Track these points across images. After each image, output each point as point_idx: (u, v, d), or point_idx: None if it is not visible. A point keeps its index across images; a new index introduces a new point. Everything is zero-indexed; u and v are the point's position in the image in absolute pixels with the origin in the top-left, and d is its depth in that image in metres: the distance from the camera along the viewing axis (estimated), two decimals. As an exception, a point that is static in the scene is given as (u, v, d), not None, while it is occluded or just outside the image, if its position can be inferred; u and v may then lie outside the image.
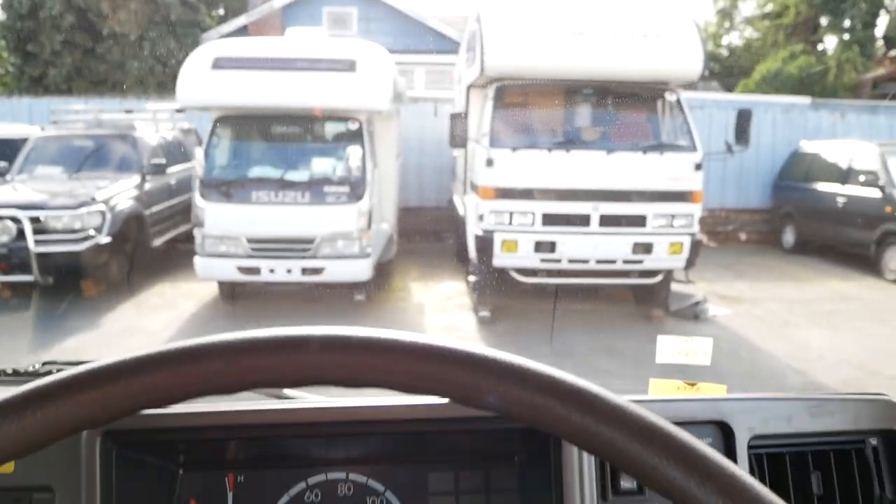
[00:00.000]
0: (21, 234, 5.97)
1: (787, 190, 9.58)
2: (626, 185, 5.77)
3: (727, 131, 6.56)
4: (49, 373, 1.19)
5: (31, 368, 1.18)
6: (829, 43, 15.72)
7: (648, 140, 6.03)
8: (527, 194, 5.75)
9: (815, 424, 0.92)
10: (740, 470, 0.40)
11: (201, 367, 0.42)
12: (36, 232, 5.98)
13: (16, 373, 1.16)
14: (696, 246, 5.92)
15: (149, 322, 5.87)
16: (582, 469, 0.84)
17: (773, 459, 0.93)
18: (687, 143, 5.94)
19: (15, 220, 5.98)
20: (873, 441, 0.94)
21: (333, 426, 0.85)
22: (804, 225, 9.10)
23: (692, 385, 1.08)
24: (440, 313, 6.27)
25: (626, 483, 0.87)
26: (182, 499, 0.88)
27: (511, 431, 0.90)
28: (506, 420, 0.44)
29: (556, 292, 6.08)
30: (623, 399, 0.41)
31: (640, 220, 5.83)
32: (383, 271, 6.79)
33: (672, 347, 1.41)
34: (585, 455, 0.85)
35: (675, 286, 6.26)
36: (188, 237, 7.27)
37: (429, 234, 9.32)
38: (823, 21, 15.57)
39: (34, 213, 6.04)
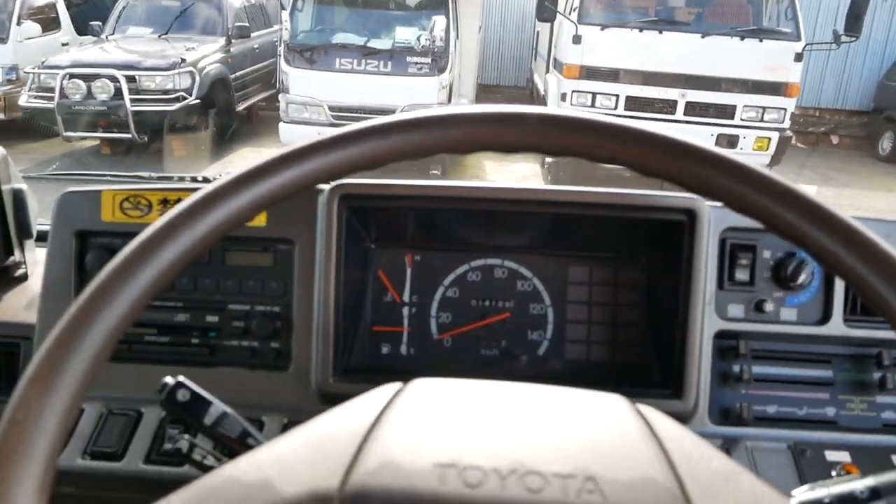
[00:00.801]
0: (118, 93, 6.25)
1: (892, 92, 8.90)
2: (718, 71, 5.54)
3: (836, 18, 6.11)
4: None
5: (218, 176, 1.37)
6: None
7: (748, 23, 5.71)
8: (612, 75, 5.60)
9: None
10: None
11: (445, 131, 0.52)
12: (131, 91, 6.26)
13: (206, 179, 1.39)
14: (783, 143, 5.72)
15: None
16: (707, 263, 0.97)
17: None
18: (790, 29, 5.60)
19: (113, 79, 6.25)
20: None
21: (498, 202, 1.00)
22: (906, 131, 8.52)
23: None
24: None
25: (741, 275, 1.00)
26: (372, 269, 1.07)
27: (640, 234, 1.05)
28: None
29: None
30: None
31: (728, 111, 5.63)
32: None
33: None
34: (711, 250, 0.98)
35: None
36: (269, 103, 7.47)
37: (506, 114, 9.18)
38: None
39: (130, 73, 6.29)
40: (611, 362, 1.06)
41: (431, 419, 0.49)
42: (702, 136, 5.61)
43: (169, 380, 0.69)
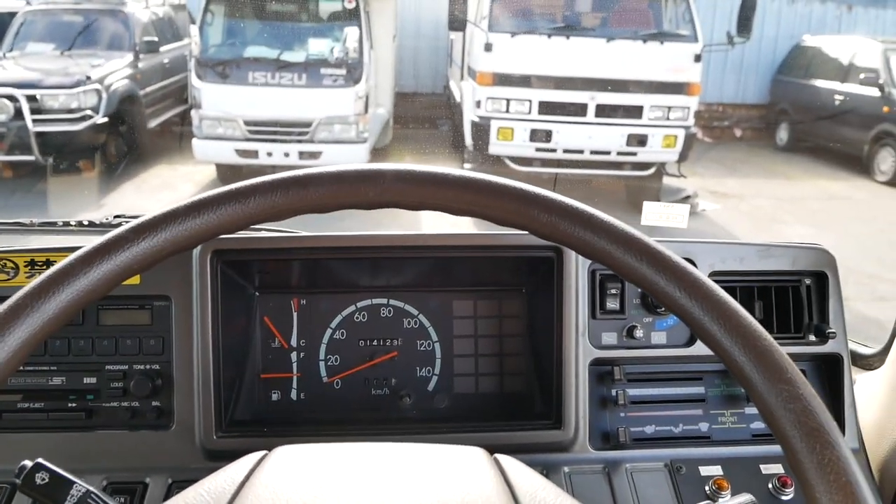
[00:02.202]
0: (19, 113, 5.94)
1: (785, 86, 9.44)
2: (624, 74, 5.74)
3: (730, 21, 6.45)
4: (119, 224, 1.35)
5: (104, 220, 1.34)
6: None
7: (649, 27, 5.95)
8: (524, 81, 5.73)
9: (762, 264, 1.10)
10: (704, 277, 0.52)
11: (303, 192, 0.53)
12: (33, 111, 5.94)
13: (91, 224, 1.33)
14: (689, 139, 5.98)
15: (150, 203, 5.98)
16: (578, 295, 1.02)
17: (726, 291, 1.09)
18: (688, 32, 5.87)
19: (12, 98, 5.93)
20: (807, 281, 1.12)
21: (376, 250, 1.02)
22: (799, 122, 9.04)
23: None
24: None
25: (611, 304, 1.05)
26: (258, 315, 1.07)
27: (520, 267, 1.08)
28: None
29: (556, 181, 6.18)
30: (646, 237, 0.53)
31: (636, 112, 5.84)
32: (379, 157, 6.85)
33: (655, 211, 1.59)
34: (581, 283, 1.03)
35: (666, 180, 6.36)
36: (183, 119, 7.27)
37: (424, 120, 9.26)
38: None
39: (30, 92, 5.98)
40: (498, 393, 1.09)
41: (289, 491, 0.50)
42: (613, 136, 5.83)
43: (27, 462, 0.67)
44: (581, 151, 5.86)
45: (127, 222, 1.33)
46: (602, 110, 5.79)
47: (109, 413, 0.99)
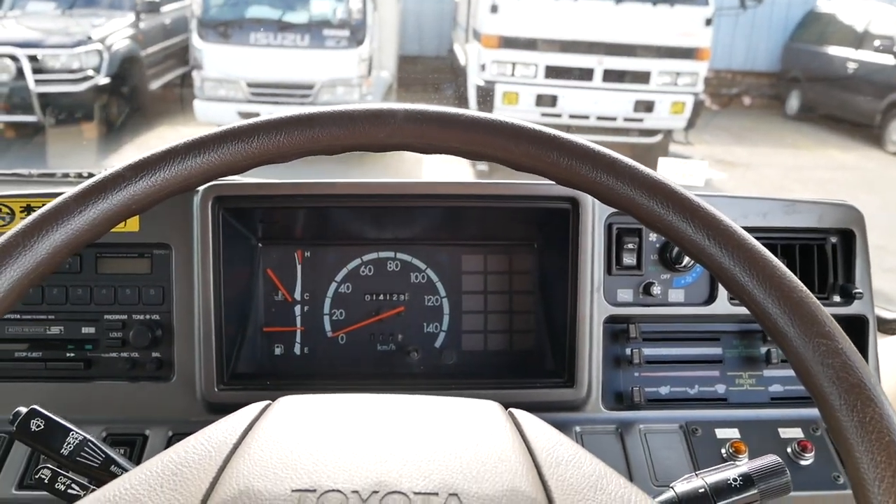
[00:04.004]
0: (20, 73, 5.89)
1: (797, 53, 9.25)
2: (632, 38, 5.64)
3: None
4: None
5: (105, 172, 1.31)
6: None
7: (660, -10, 5.82)
8: (530, 44, 5.63)
9: (786, 220, 1.04)
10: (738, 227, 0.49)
11: (310, 132, 0.50)
12: (35, 71, 5.89)
13: (91, 175, 1.29)
14: (697, 106, 5.89)
15: (152, 164, 5.94)
16: (593, 249, 0.98)
17: None
18: (699, -5, 5.75)
19: (13, 58, 5.87)
20: (833, 239, 1.06)
21: (384, 198, 0.98)
22: (810, 90, 8.87)
23: None
24: (438, 165, 6.35)
25: (628, 259, 1.01)
26: (261, 268, 1.04)
27: (532, 220, 1.05)
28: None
29: None
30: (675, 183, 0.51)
31: (643, 77, 5.75)
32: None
33: (671, 168, 1.53)
34: (597, 237, 0.98)
35: (673, 147, 6.29)
36: (185, 80, 7.20)
37: (428, 84, 9.15)
38: None
39: (32, 52, 5.91)
40: (507, 351, 1.06)
41: (294, 441, 0.48)
42: (620, 102, 5.75)
43: (21, 409, 0.66)
44: (587, 117, 5.79)
45: None
46: (609, 75, 5.71)
47: (108, 364, 0.97)
